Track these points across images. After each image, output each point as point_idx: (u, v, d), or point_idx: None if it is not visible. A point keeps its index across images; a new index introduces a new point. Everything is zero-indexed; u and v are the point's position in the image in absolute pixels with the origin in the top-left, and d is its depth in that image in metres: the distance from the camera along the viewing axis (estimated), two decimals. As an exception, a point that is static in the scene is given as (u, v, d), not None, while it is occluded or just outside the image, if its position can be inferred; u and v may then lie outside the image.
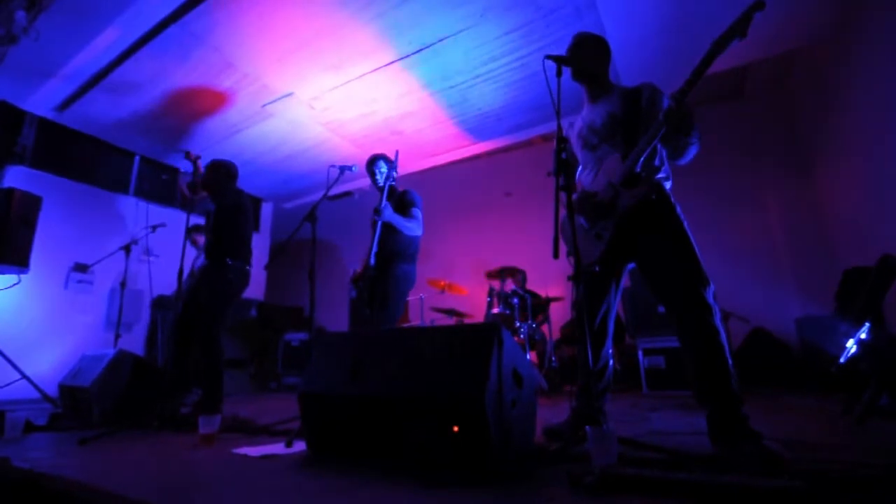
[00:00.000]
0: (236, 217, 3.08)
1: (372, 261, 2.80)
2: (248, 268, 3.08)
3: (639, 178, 1.74)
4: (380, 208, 2.82)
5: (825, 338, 3.20)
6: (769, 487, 0.80)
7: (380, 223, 2.85)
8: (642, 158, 1.71)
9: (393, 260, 2.89)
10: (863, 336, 2.12)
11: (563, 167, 1.69)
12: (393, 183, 3.12)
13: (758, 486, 0.80)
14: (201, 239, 4.72)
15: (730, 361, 1.54)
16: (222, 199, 3.13)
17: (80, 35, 3.83)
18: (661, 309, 3.96)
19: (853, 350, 2.14)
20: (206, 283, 2.99)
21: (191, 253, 4.09)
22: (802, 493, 0.79)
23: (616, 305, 1.99)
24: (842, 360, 2.19)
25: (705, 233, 1.79)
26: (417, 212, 2.98)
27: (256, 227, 7.59)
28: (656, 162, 1.82)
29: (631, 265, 1.96)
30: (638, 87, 1.93)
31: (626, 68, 4.27)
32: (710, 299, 1.60)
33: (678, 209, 1.79)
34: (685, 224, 1.75)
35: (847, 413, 2.14)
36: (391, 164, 3.14)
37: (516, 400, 1.48)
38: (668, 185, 1.84)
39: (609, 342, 1.97)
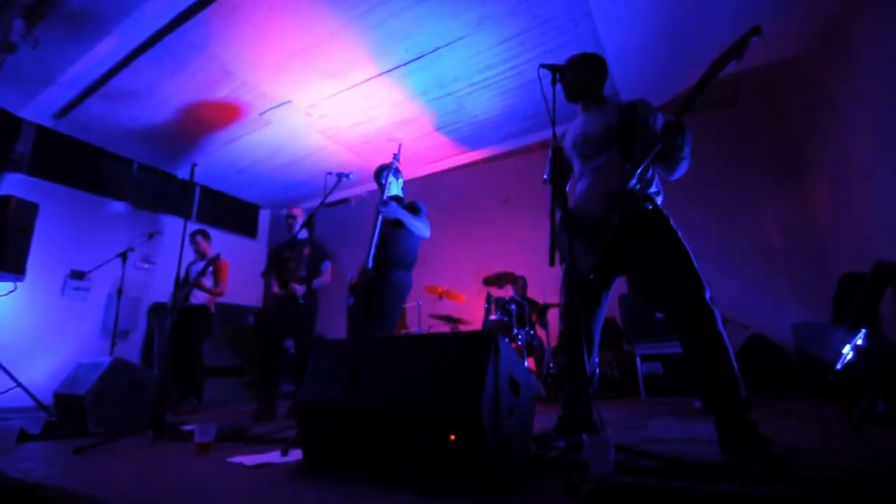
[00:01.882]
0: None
1: (370, 263, 2.78)
2: None
3: (633, 191, 1.76)
4: (384, 200, 2.82)
5: (822, 344, 3.21)
6: (767, 496, 0.80)
7: (380, 222, 2.84)
8: (638, 172, 1.73)
9: (390, 267, 2.89)
10: (859, 342, 2.12)
11: (558, 176, 1.71)
12: (396, 177, 3.17)
13: (756, 495, 0.80)
14: (204, 244, 4.70)
15: (735, 366, 1.54)
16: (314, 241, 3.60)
17: (79, 44, 3.85)
18: (659, 315, 3.97)
19: (849, 356, 2.15)
20: (309, 308, 3.49)
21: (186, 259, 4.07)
22: (801, 500, 0.79)
23: (603, 314, 2.01)
24: (838, 366, 2.20)
25: (700, 241, 1.80)
26: (424, 217, 3.00)
27: (254, 234, 7.59)
28: (648, 175, 1.84)
29: (620, 277, 1.98)
30: (633, 102, 1.97)
31: (621, 76, 4.31)
32: (711, 303, 1.61)
33: (671, 220, 1.81)
34: (679, 233, 1.77)
35: (844, 419, 2.14)
36: (396, 165, 3.18)
37: (513, 408, 1.48)
38: (659, 199, 1.86)
39: (596, 350, 1.99)
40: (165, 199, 6.35)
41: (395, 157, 3.09)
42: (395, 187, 3.16)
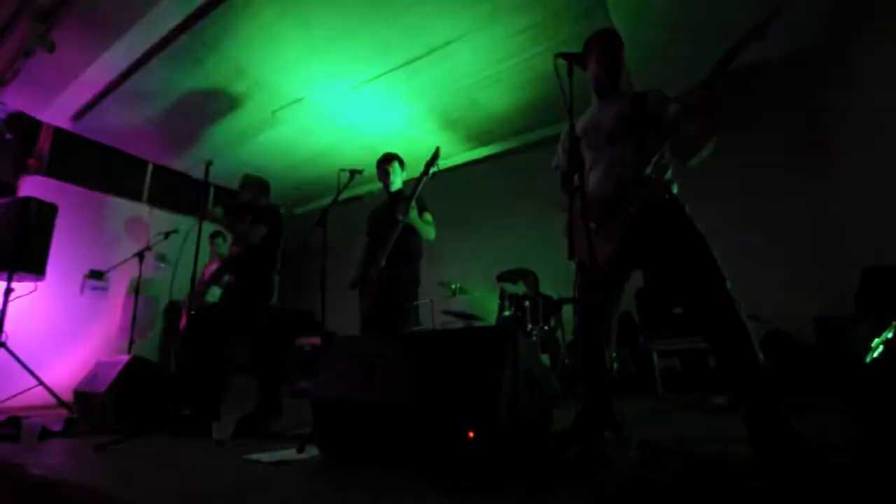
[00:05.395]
0: (278, 234, 3.21)
1: (383, 261, 2.76)
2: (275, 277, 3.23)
3: (649, 179, 1.72)
4: (407, 209, 2.76)
5: (846, 338, 3.13)
6: (797, 494, 0.77)
7: (399, 226, 2.79)
8: (653, 160, 1.69)
9: (401, 262, 2.86)
10: (889, 336, 2.05)
11: (576, 167, 1.67)
12: (402, 168, 3.15)
13: (787, 494, 0.77)
14: (223, 246, 4.74)
15: (759, 357, 1.49)
16: (264, 216, 3.18)
17: (94, 46, 3.89)
18: (676, 309, 3.90)
19: (879, 350, 2.07)
20: (248, 294, 3.05)
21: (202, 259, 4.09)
22: (835, 499, 0.76)
23: (619, 308, 1.97)
24: (867, 360, 2.13)
25: (719, 232, 1.75)
26: (428, 216, 2.98)
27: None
28: (663, 163, 1.79)
29: (636, 270, 1.94)
30: (644, 91, 1.92)
31: (635, 69, 4.23)
32: (731, 293, 1.56)
33: (687, 209, 1.76)
34: (694, 223, 1.72)
35: (872, 416, 2.07)
36: (401, 163, 3.15)
37: (532, 404, 1.46)
38: (675, 188, 1.81)
39: (613, 345, 1.95)
40: (181, 199, 6.42)
41: (436, 161, 2.88)
42: (398, 180, 3.13)
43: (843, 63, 3.96)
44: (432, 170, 2.86)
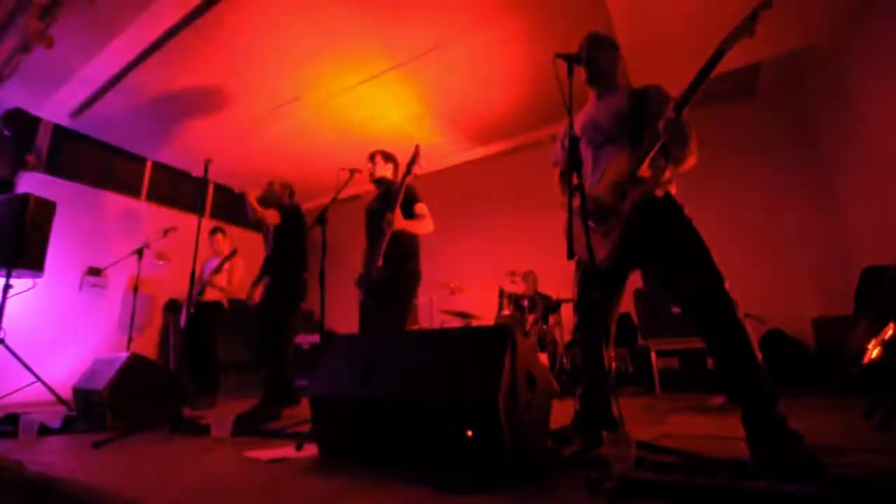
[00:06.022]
0: (301, 230, 3.34)
1: (380, 261, 2.73)
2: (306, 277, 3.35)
3: (643, 178, 1.72)
4: (391, 220, 2.71)
5: (844, 338, 3.13)
6: (799, 494, 0.77)
7: (389, 232, 2.74)
8: (648, 158, 1.69)
9: (400, 260, 2.84)
10: (887, 336, 2.06)
11: (575, 166, 1.67)
12: (386, 160, 3.11)
13: (787, 493, 0.77)
14: (222, 242, 4.74)
15: (759, 358, 1.49)
16: (286, 213, 3.32)
17: (93, 42, 3.88)
18: (675, 309, 3.91)
19: (876, 351, 2.08)
20: (279, 294, 3.22)
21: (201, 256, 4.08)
22: (836, 500, 0.76)
23: (618, 307, 1.97)
24: (864, 361, 2.13)
25: (719, 232, 1.76)
26: (423, 207, 2.93)
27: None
28: (661, 163, 1.79)
29: (634, 270, 1.94)
30: (645, 87, 1.91)
31: (634, 68, 4.23)
32: (729, 294, 1.56)
33: (684, 210, 1.76)
34: (691, 223, 1.72)
35: (871, 416, 2.08)
36: (394, 160, 3.13)
37: (530, 403, 1.46)
38: (672, 187, 1.81)
39: (611, 345, 1.94)
40: (180, 197, 6.41)
41: (413, 159, 2.86)
42: (381, 168, 3.10)
43: (841, 65, 3.96)
44: (412, 167, 2.84)
